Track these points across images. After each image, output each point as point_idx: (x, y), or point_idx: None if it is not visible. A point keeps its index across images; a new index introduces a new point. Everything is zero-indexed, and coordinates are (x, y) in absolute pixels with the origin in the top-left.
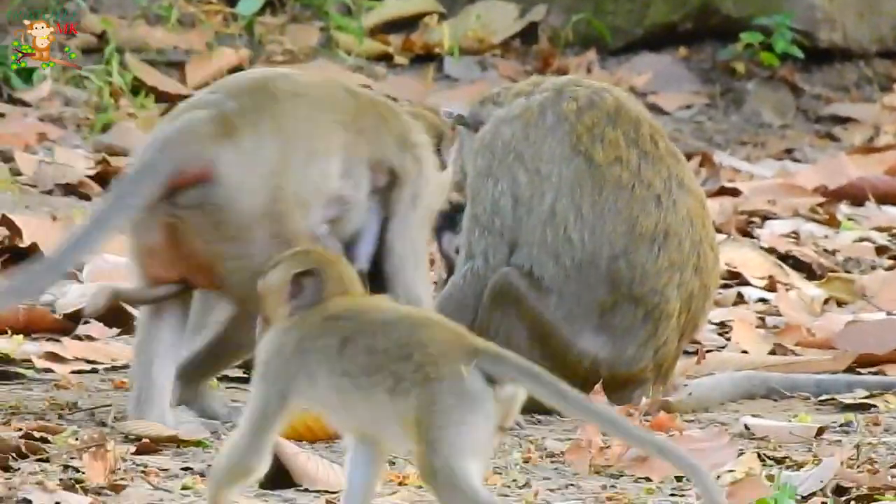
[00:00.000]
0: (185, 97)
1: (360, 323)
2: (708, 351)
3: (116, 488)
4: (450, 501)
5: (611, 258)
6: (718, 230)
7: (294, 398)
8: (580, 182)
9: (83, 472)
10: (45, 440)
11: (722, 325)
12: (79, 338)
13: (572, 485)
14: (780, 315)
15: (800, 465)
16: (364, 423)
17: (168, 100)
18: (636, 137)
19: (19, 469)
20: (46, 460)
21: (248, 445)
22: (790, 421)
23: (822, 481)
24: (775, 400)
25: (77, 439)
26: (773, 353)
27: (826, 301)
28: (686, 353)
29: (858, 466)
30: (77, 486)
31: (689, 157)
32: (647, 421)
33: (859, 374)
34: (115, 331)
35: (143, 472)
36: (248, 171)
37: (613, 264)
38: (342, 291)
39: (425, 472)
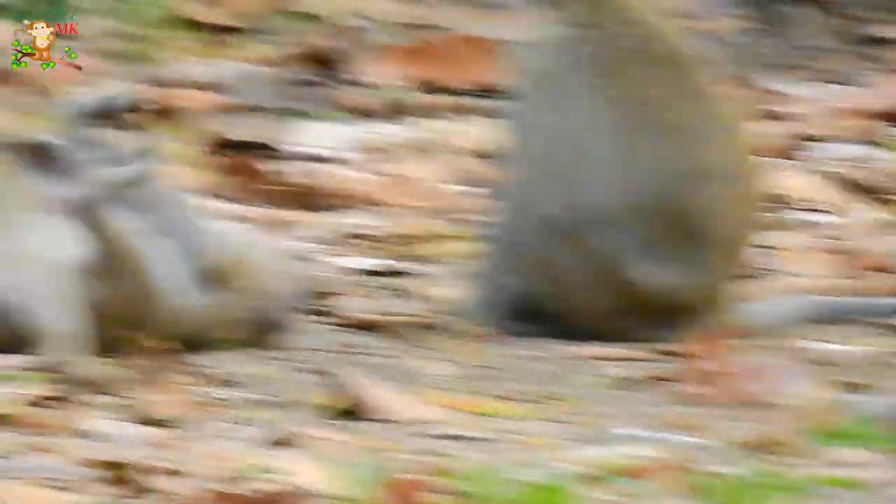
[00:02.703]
0: None
1: None
2: (765, 275)
3: None
4: None
5: (652, 196)
6: (766, 155)
7: None
8: (608, 124)
9: None
10: None
11: (778, 249)
12: None
13: None
14: (838, 239)
15: (865, 389)
16: None
17: None
18: (668, 77)
19: None
20: None
21: None
22: (854, 345)
23: (889, 405)
24: (837, 324)
25: None
26: (833, 276)
27: (886, 224)
28: (742, 278)
29: None
30: None
31: (731, 81)
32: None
33: None
34: None
35: None
36: None
37: (654, 203)
38: None
39: None
